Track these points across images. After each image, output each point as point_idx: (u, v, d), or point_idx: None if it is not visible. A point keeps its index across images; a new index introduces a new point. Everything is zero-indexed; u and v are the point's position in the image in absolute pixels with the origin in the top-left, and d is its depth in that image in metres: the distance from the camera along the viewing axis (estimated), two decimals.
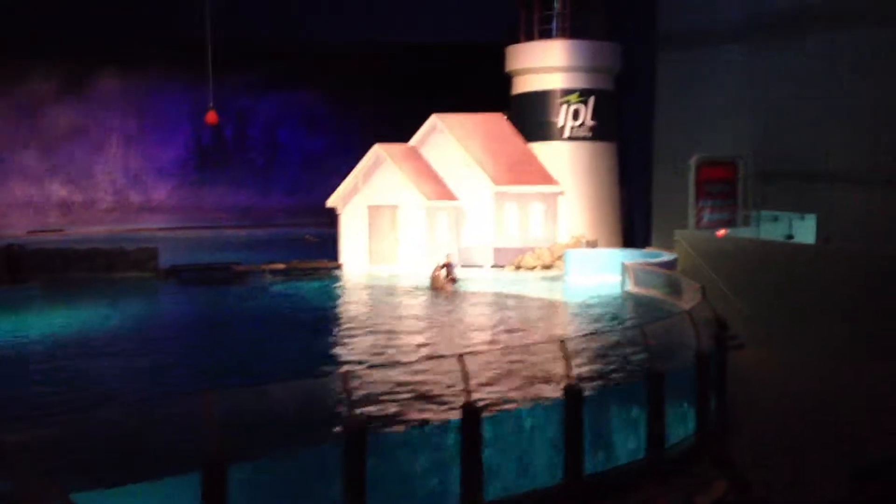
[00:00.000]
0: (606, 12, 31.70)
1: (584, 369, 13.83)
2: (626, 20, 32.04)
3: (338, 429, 10.38)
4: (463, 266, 28.42)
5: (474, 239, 29.95)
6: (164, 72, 43.70)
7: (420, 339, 18.34)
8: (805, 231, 25.94)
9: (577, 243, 29.74)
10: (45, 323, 20.12)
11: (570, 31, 31.21)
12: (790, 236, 26.19)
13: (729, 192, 26.97)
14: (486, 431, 11.24)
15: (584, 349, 14.92)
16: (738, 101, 27.99)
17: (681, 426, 14.11)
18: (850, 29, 24.18)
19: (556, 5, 31.43)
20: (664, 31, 30.81)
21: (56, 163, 43.35)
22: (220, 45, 28.15)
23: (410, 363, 15.09)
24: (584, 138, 31.09)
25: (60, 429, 9.51)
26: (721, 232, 26.00)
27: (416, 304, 23.23)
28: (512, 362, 14.36)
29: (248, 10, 36.90)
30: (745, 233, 26.29)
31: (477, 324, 20.30)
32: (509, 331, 18.93)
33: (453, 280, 25.95)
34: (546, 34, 31.49)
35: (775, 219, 27.01)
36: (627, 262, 24.05)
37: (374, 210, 30.30)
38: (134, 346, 17.91)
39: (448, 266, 26.21)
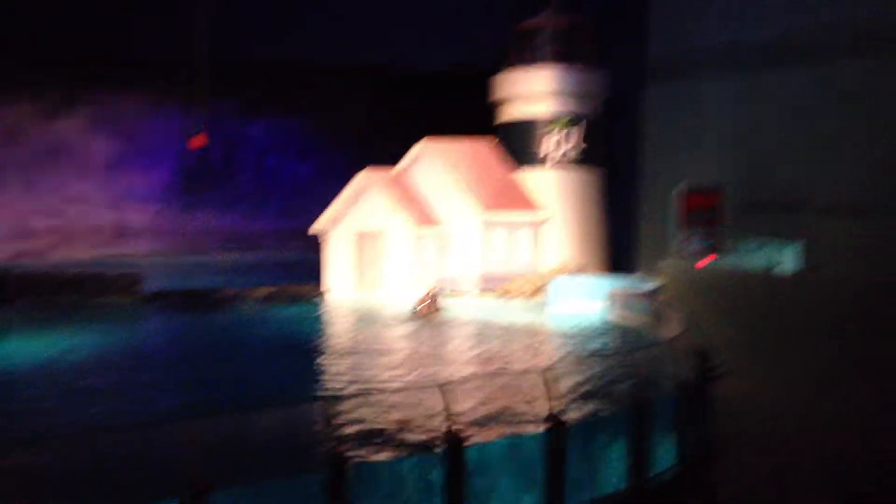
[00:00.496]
0: (595, 40, 31.94)
1: (568, 398, 13.78)
2: (614, 48, 32.30)
3: (319, 458, 10.30)
4: (449, 292, 28.40)
5: (461, 265, 29.95)
6: (151, 95, 43.67)
7: (403, 367, 18.26)
8: (788, 260, 26.04)
9: (563, 270, 29.79)
10: (22, 348, 19.93)
11: (558, 58, 31.42)
12: (774, 265, 26.28)
13: (714, 220, 27.10)
14: (469, 461, 11.17)
15: (567, 377, 14.88)
16: (724, 130, 28.22)
17: (664, 455, 14.06)
18: (833, 61, 24.45)
19: (545, 34, 31.65)
20: (652, 60, 31.08)
21: (39, 185, 43.17)
22: (209, 69, 28.20)
23: (393, 391, 15.01)
24: (571, 165, 31.21)
25: (39, 456, 9.40)
26: (704, 261, 26.10)
27: (400, 332, 23.15)
28: (495, 391, 14.30)
29: (237, 35, 37.01)
30: (729, 261, 26.39)
31: (460, 352, 20.23)
32: (493, 359, 18.87)
33: (437, 309, 25.95)
34: (534, 61, 31.69)
35: (759, 247, 27.13)
36: (612, 289, 24.08)
37: (360, 235, 30.30)
38: (112, 372, 17.74)
39: (433, 295, 26.23)
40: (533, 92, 31.39)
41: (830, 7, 24.40)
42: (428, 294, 26.34)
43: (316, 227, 30.71)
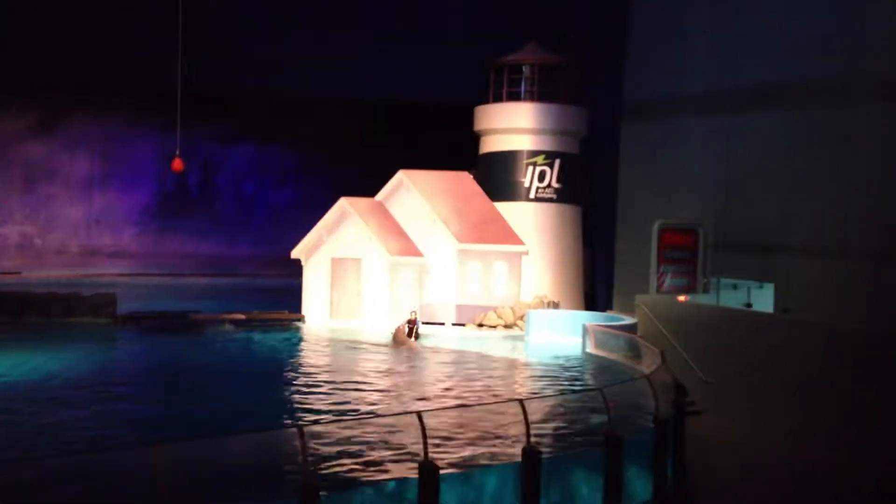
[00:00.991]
0: (574, 78, 32.30)
1: (543, 430, 13.77)
2: (593, 86, 32.67)
3: (292, 486, 10.19)
4: (425, 322, 28.37)
5: (437, 296, 29.94)
6: (131, 118, 43.64)
7: (378, 394, 18.18)
8: (763, 300, 26.28)
9: (539, 304, 29.86)
10: None
11: (538, 95, 31.74)
12: (749, 304, 26.52)
13: (689, 258, 27.31)
14: (444, 491, 11.11)
15: (543, 410, 14.88)
16: (700, 170, 28.50)
17: (639, 489, 14.06)
18: (808, 107, 24.85)
19: (525, 70, 32.00)
20: (629, 100, 31.42)
21: (17, 205, 42.86)
22: (189, 94, 28.22)
23: (367, 418, 14.93)
24: (549, 200, 31.40)
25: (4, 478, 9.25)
26: (683, 297, 26.27)
27: (376, 360, 23.07)
28: (470, 421, 14.27)
29: (218, 61, 37.11)
30: (704, 300, 26.58)
31: (437, 381, 20.18)
32: (469, 389, 18.83)
33: (416, 336, 25.93)
34: (514, 97, 31.98)
35: (734, 287, 27.37)
36: (588, 324, 24.16)
37: (337, 263, 30.23)
38: (84, 393, 17.52)
39: (412, 322, 26.23)
40: (512, 127, 31.63)
41: (806, 55, 24.85)
42: (408, 321, 26.35)
43: (294, 253, 30.61)
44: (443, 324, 29.31)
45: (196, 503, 9.09)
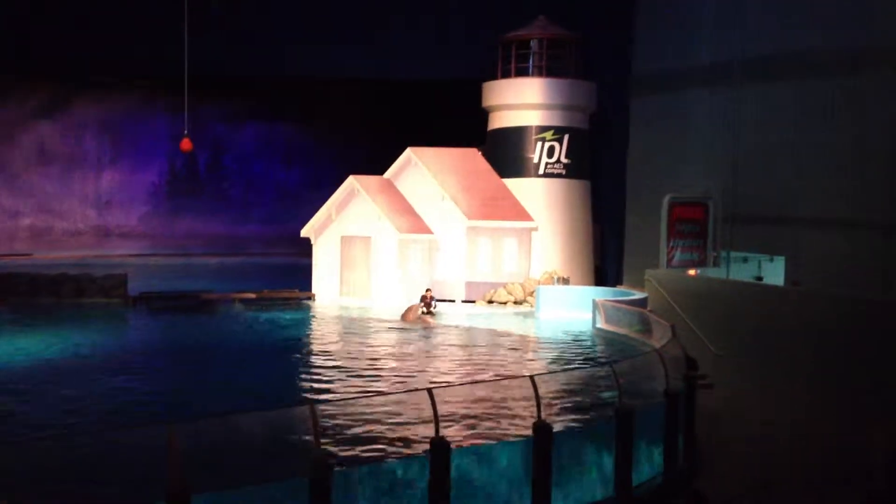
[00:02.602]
0: (582, 53, 32.10)
1: (554, 406, 13.80)
2: (601, 61, 32.46)
3: (304, 463, 10.24)
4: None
5: (447, 273, 29.96)
6: (140, 99, 43.64)
7: (389, 372, 18.23)
8: (774, 273, 26.19)
9: (549, 280, 29.84)
10: (7, 348, 19.78)
11: (546, 70, 31.56)
12: (759, 278, 26.43)
13: (699, 232, 27.23)
14: (455, 467, 11.14)
15: (553, 385, 14.90)
16: (709, 143, 28.34)
17: (649, 465, 14.08)
18: (817, 77, 24.64)
19: (533, 45, 31.80)
20: (637, 74, 31.22)
21: (27, 187, 42.97)
22: (197, 75, 28.17)
23: (379, 395, 14.98)
24: (558, 175, 31.31)
25: (16, 457, 9.31)
26: (693, 271, 26.21)
27: (386, 337, 23.13)
28: (481, 397, 14.30)
29: (226, 42, 36.97)
30: (714, 273, 26.50)
31: (447, 358, 20.22)
32: (479, 365, 18.87)
33: (432, 313, 26.01)
34: (522, 72, 31.81)
35: (745, 260, 27.27)
36: (599, 299, 24.14)
37: (346, 241, 30.26)
38: (96, 373, 17.64)
39: (427, 299, 26.29)
40: (521, 102, 31.48)
41: (816, 25, 24.60)
42: (423, 298, 26.41)
43: (303, 232, 30.65)
44: (453, 301, 29.35)
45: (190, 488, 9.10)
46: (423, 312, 25.94)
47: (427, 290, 27.09)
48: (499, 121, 32.17)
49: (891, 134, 22.77)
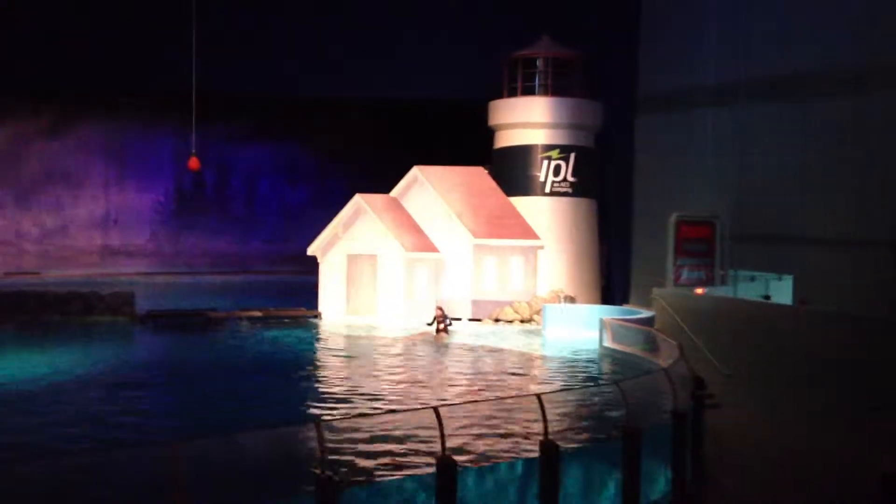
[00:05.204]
0: (588, 72, 32.18)
1: (561, 425, 13.73)
2: (607, 80, 32.55)
3: (310, 484, 10.20)
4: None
5: (453, 291, 29.93)
6: (147, 118, 43.84)
7: (396, 389, 18.18)
8: (782, 291, 26.11)
9: (555, 298, 29.79)
10: (16, 366, 19.79)
11: (552, 89, 31.65)
12: (767, 296, 26.35)
13: (706, 251, 27.19)
14: (462, 486, 11.09)
15: (560, 404, 14.84)
16: (715, 162, 28.36)
17: (656, 484, 14.00)
18: (822, 96, 24.68)
19: (539, 64, 31.91)
20: (643, 93, 31.31)
21: (35, 205, 43.13)
22: (204, 95, 28.33)
23: (385, 413, 14.94)
24: (564, 194, 31.33)
25: (23, 476, 9.29)
26: (700, 290, 26.14)
27: (393, 354, 23.08)
28: (488, 416, 14.25)
29: (232, 62, 37.20)
30: (722, 292, 26.44)
31: (454, 376, 20.17)
32: (486, 383, 18.81)
33: (446, 330, 26.06)
34: (529, 91, 31.90)
35: (752, 279, 27.21)
36: (605, 318, 24.08)
37: (353, 259, 30.28)
38: (103, 391, 17.64)
39: (440, 316, 26.31)
40: (527, 121, 31.55)
41: (820, 46, 24.67)
42: (437, 315, 26.43)
43: (310, 250, 30.69)
44: (459, 319, 29.30)
45: None
46: (437, 330, 26.01)
47: (438, 307, 27.08)
48: (505, 139, 32.22)
49: (894, 151, 22.77)
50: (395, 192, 31.03)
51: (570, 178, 31.33)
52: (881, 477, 12.32)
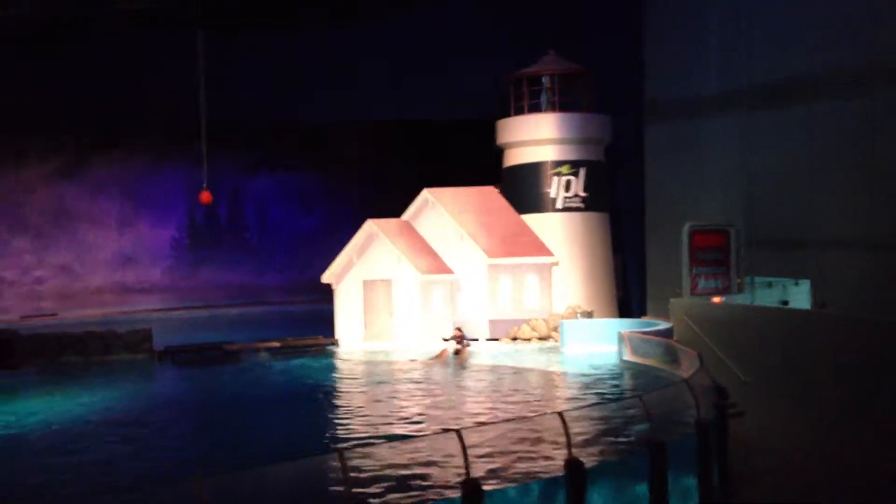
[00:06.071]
0: (594, 85, 32.23)
1: (585, 441, 13.65)
2: (613, 92, 32.57)
3: None
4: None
5: (469, 312, 29.88)
6: (158, 152, 44.12)
7: (417, 414, 18.14)
8: (799, 297, 25.93)
9: (572, 314, 29.70)
10: (38, 410, 19.84)
11: (559, 105, 31.71)
12: (785, 302, 26.18)
13: (722, 259, 27.03)
14: None
15: (583, 421, 14.75)
16: (726, 169, 28.29)
17: (683, 497, 13.87)
18: (828, 98, 24.62)
19: (545, 80, 31.99)
20: (650, 103, 31.31)
21: (50, 246, 43.41)
22: (213, 126, 28.51)
23: (408, 438, 14.89)
24: (576, 209, 31.31)
25: None
26: (718, 299, 25.99)
27: (412, 379, 23.03)
28: (512, 436, 14.18)
29: (241, 92, 37.46)
30: (739, 299, 26.27)
31: (475, 397, 20.10)
32: (508, 403, 18.73)
33: (466, 348, 26.11)
34: (535, 108, 31.97)
35: (769, 285, 27.06)
36: (624, 331, 23.98)
37: (368, 285, 30.29)
38: (127, 430, 17.65)
39: (459, 336, 26.33)
40: (535, 138, 31.60)
41: (822, 46, 24.63)
42: (455, 336, 26.44)
43: (324, 278, 30.72)
44: (476, 339, 29.23)
45: None
46: (455, 352, 26.02)
47: (456, 328, 27.10)
48: (514, 157, 32.26)
49: None
50: (406, 215, 31.08)
51: (581, 193, 31.31)
52: None
